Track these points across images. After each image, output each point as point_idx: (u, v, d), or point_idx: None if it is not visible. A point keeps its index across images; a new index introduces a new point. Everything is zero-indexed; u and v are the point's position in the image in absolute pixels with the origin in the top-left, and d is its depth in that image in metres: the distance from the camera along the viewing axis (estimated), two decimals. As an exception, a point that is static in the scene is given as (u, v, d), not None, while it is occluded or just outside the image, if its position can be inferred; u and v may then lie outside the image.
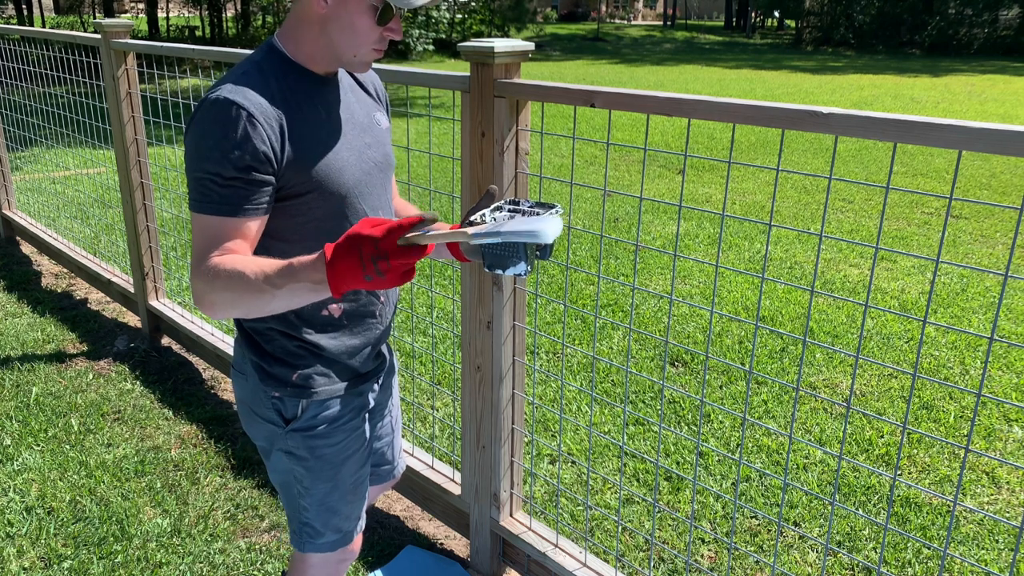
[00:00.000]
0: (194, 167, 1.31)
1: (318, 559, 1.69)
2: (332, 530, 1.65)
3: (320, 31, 1.41)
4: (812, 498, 2.82)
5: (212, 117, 1.31)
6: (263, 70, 1.41)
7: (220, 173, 1.30)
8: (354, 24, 1.38)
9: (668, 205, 7.00)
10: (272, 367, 1.53)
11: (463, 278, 2.22)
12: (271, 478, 1.66)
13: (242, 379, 1.58)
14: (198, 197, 1.32)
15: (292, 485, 1.61)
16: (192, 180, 1.32)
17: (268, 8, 27.27)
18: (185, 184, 7.34)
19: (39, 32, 4.43)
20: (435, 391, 3.50)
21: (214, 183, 1.30)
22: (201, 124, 1.32)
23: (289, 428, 1.55)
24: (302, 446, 1.56)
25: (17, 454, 3.05)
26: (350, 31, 1.39)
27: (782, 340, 4.11)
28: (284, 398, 1.54)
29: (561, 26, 46.02)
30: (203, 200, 1.31)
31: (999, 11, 30.17)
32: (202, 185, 1.31)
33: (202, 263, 1.31)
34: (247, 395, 1.58)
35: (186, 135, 1.35)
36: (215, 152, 1.29)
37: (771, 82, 18.98)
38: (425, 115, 2.49)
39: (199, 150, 1.30)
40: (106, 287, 4.51)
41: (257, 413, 1.57)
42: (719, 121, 1.59)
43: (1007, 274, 1.30)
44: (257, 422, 1.58)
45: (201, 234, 1.32)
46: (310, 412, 1.55)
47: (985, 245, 5.93)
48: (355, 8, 1.37)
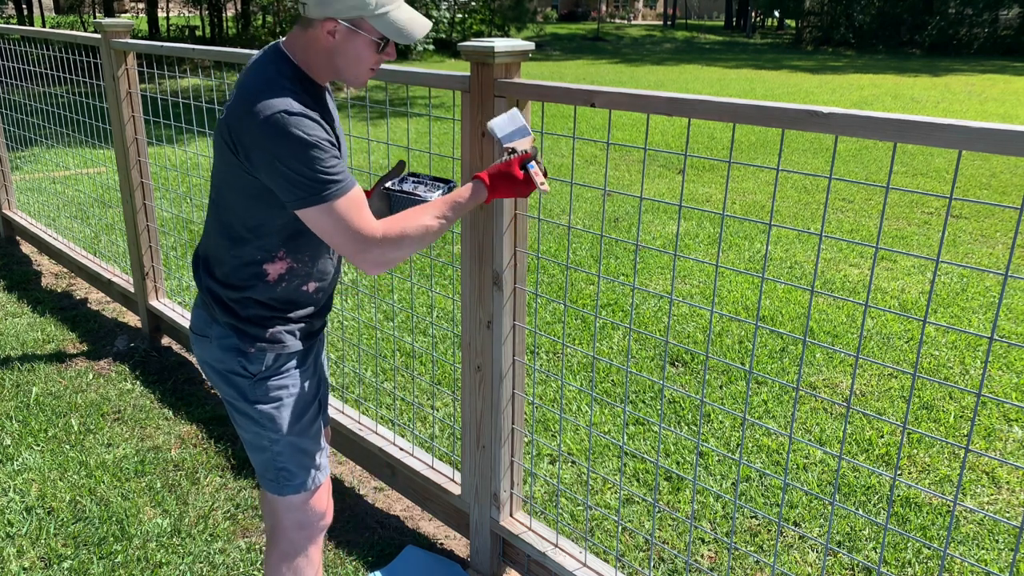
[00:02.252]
0: (301, 172, 1.53)
1: (298, 500, 1.86)
2: (304, 469, 1.84)
3: (327, 57, 1.63)
4: (812, 498, 2.82)
5: (291, 129, 1.52)
6: (292, 82, 1.60)
7: (324, 167, 1.54)
8: (359, 55, 1.63)
9: (668, 205, 7.00)
10: (248, 327, 1.73)
11: (463, 278, 2.22)
12: (241, 435, 1.84)
13: (205, 341, 1.77)
14: (320, 191, 1.54)
15: (262, 436, 1.79)
16: (304, 183, 1.53)
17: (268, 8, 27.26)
18: (185, 184, 7.31)
19: (39, 32, 4.43)
20: (435, 391, 3.50)
21: (326, 176, 1.54)
22: (285, 138, 1.51)
23: (257, 378, 1.75)
24: (269, 393, 1.76)
25: (17, 454, 3.05)
26: (355, 61, 1.63)
27: (782, 340, 4.11)
28: (253, 353, 1.74)
29: (561, 26, 46.02)
30: (326, 191, 1.55)
31: (999, 11, 30.15)
32: (318, 183, 1.54)
33: (371, 235, 1.59)
34: (212, 355, 1.76)
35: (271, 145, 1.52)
36: (314, 153, 1.53)
37: (771, 82, 18.98)
38: (425, 115, 2.49)
39: (299, 158, 1.52)
40: (106, 287, 4.51)
41: (227, 370, 1.75)
42: (719, 121, 1.59)
43: (1007, 274, 1.30)
44: (226, 379, 1.76)
45: (344, 217, 1.57)
46: (278, 363, 1.76)
47: (985, 245, 5.93)
48: (361, 44, 1.61)
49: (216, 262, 1.74)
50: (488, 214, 2.09)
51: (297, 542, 1.90)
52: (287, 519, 1.88)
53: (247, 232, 1.68)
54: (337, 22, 1.58)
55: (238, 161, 1.59)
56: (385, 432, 2.79)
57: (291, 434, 1.80)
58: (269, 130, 1.52)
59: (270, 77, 1.59)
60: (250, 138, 1.55)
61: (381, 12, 1.59)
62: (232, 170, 1.62)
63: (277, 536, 1.92)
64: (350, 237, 1.58)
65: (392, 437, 2.76)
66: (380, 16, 1.59)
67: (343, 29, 1.59)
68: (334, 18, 1.57)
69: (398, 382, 3.66)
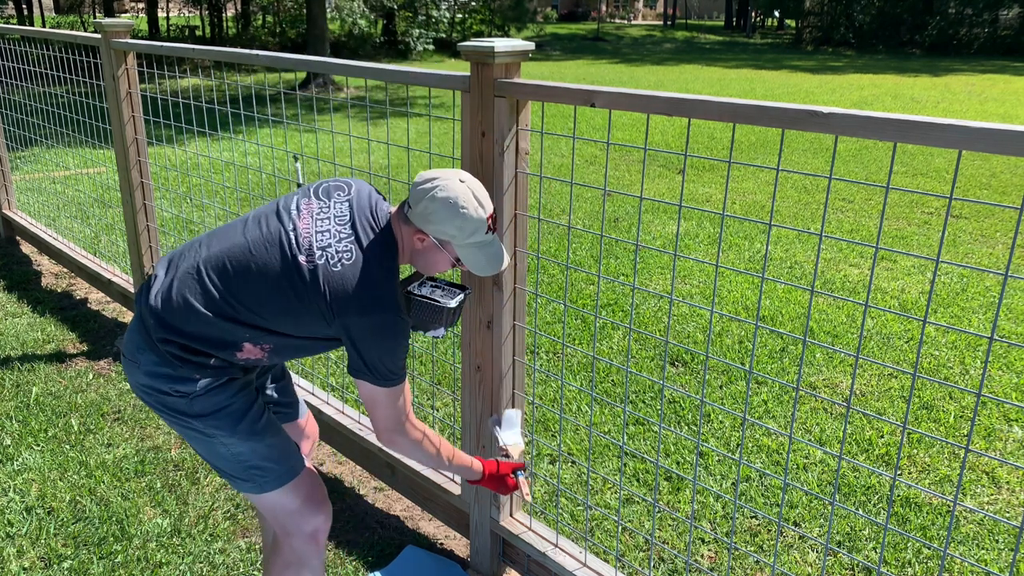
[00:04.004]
0: (387, 359, 1.70)
1: (284, 494, 1.86)
2: (273, 461, 1.83)
3: (411, 251, 1.78)
4: (812, 498, 2.82)
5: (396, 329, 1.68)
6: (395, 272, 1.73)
7: (399, 364, 1.73)
8: (436, 264, 1.79)
9: (668, 205, 7.00)
10: (186, 360, 1.74)
11: (463, 278, 2.22)
12: (197, 451, 1.85)
13: (133, 366, 1.77)
14: (390, 376, 1.71)
15: (215, 443, 1.79)
16: (382, 365, 1.70)
17: (268, 8, 27.27)
18: (185, 184, 7.32)
19: (39, 32, 4.43)
20: (435, 391, 3.50)
21: (396, 367, 1.72)
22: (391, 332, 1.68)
23: (191, 396, 1.74)
24: (208, 405, 1.75)
25: (17, 454, 3.05)
26: (431, 266, 1.80)
27: (782, 340, 4.11)
28: (184, 378, 1.74)
29: (561, 26, 45.99)
30: (394, 378, 1.72)
31: (999, 11, 30.14)
32: (392, 371, 1.71)
33: (406, 421, 1.78)
34: (142, 380, 1.76)
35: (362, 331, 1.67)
36: (400, 352, 1.71)
37: (771, 82, 18.98)
38: (425, 115, 2.48)
39: (391, 351, 1.69)
40: (106, 287, 4.51)
41: (159, 391, 1.75)
42: (719, 121, 1.59)
43: (1007, 274, 1.30)
44: (161, 401, 1.76)
45: (397, 399, 1.75)
46: (211, 383, 1.76)
47: (985, 245, 5.93)
48: (442, 259, 1.78)
49: (188, 315, 1.71)
50: (488, 214, 2.09)
51: (299, 550, 1.88)
52: (285, 522, 1.86)
53: (248, 327, 1.71)
54: (428, 236, 1.72)
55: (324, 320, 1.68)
56: (385, 432, 2.79)
57: (243, 433, 1.78)
58: (376, 328, 1.66)
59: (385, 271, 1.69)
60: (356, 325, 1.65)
61: (468, 243, 1.73)
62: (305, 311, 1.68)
63: (280, 544, 1.90)
64: (391, 418, 1.76)
65: (392, 437, 2.76)
66: (466, 246, 1.73)
67: (431, 243, 1.74)
68: (427, 234, 1.72)
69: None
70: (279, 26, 26.60)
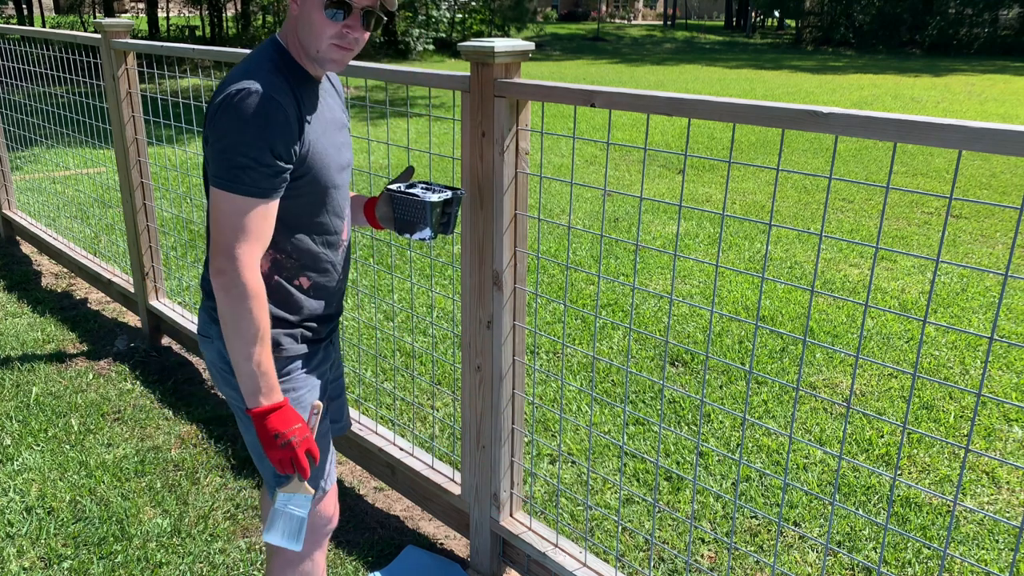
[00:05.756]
0: (232, 150, 1.44)
1: None
2: (310, 477, 1.75)
3: (296, 31, 1.58)
4: (812, 498, 2.82)
5: (255, 108, 1.45)
6: (281, 69, 1.56)
7: (258, 159, 1.45)
8: (312, 22, 1.54)
9: (668, 205, 7.00)
10: None
11: (463, 278, 2.22)
12: (245, 439, 1.78)
13: (208, 342, 1.71)
14: (231, 177, 1.45)
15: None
16: (224, 161, 1.45)
17: (268, 8, 27.26)
18: (185, 184, 7.30)
19: (39, 32, 4.43)
20: (435, 391, 3.50)
21: (251, 168, 1.45)
22: (243, 112, 1.44)
23: None
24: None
25: (17, 454, 3.05)
26: (309, 27, 1.55)
27: (782, 340, 4.11)
28: None
29: (561, 26, 46.00)
30: (236, 181, 1.46)
31: (999, 11, 30.16)
32: (239, 167, 1.45)
33: (234, 248, 1.47)
34: (215, 357, 1.70)
35: (220, 119, 1.46)
36: (258, 140, 1.45)
37: (771, 82, 18.98)
38: (425, 115, 2.49)
39: (242, 135, 1.44)
40: (106, 287, 4.51)
41: (227, 371, 1.69)
42: (719, 121, 1.59)
43: (1007, 274, 1.30)
44: (226, 380, 1.71)
45: (232, 213, 1.47)
46: (277, 367, 1.67)
47: (985, 245, 5.93)
48: (311, 6, 1.53)
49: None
50: (488, 214, 2.09)
51: (302, 548, 1.88)
52: None
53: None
54: None
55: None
56: (385, 432, 2.79)
57: None
58: (222, 104, 1.47)
59: (251, 63, 1.55)
60: (208, 115, 1.50)
61: None
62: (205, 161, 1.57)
63: None
64: (224, 238, 1.47)
65: (392, 437, 2.76)
66: None
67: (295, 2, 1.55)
68: None
69: (398, 382, 3.66)
70: (279, 26, 26.60)
